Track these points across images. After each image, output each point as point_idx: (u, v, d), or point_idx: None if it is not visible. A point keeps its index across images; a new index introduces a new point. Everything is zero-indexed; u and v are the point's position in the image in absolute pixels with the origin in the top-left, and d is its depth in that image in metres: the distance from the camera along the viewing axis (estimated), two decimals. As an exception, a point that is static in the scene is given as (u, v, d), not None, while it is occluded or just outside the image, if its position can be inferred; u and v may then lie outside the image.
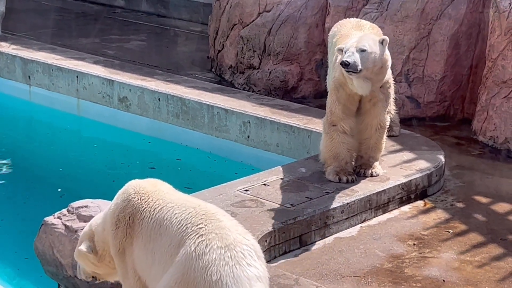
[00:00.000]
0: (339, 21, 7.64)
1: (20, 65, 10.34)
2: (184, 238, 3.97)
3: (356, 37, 6.60)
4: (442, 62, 8.85)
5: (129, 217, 4.31)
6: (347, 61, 6.33)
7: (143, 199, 4.32)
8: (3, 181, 8.82)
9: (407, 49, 8.80)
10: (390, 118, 7.20)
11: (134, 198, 4.34)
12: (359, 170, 7.01)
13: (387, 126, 7.05)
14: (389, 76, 6.88)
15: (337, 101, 6.80)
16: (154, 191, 4.35)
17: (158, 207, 4.25)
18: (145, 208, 4.29)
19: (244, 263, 3.87)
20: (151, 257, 4.15)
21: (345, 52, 6.44)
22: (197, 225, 3.98)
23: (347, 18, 7.70)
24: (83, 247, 4.56)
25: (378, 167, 7.06)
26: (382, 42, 6.59)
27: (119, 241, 4.34)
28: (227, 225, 4.01)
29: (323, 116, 7.18)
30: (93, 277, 4.73)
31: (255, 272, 3.90)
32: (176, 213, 4.12)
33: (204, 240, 3.89)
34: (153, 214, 4.23)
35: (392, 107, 7.32)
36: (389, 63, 6.77)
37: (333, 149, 6.91)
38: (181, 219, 4.06)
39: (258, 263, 3.93)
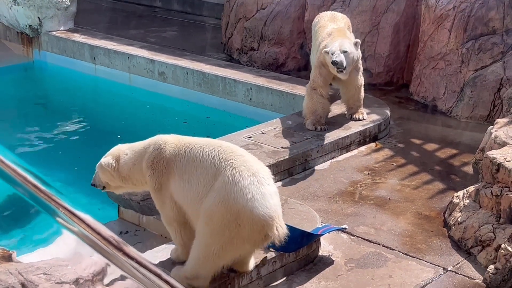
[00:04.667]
0: (319, 13, 7.56)
1: (88, 49, 10.27)
2: (220, 169, 3.98)
3: (337, 42, 6.51)
4: (388, 44, 8.79)
5: (163, 161, 4.21)
6: (336, 61, 6.37)
7: (172, 146, 4.23)
8: (78, 134, 8.82)
9: (363, 34, 8.72)
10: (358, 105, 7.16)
11: (165, 147, 4.23)
12: (353, 116, 7.12)
13: (362, 84, 7.05)
14: (359, 55, 6.88)
15: (319, 74, 6.77)
16: (178, 140, 4.27)
17: (188, 148, 4.18)
18: (176, 151, 4.19)
19: (265, 184, 3.97)
20: (187, 185, 4.10)
21: (332, 54, 6.38)
22: (229, 160, 4.00)
23: (324, 12, 7.62)
24: (105, 160, 4.40)
25: (364, 113, 7.16)
26: (355, 44, 6.59)
27: (156, 179, 4.23)
28: (249, 159, 4.07)
29: (305, 84, 7.15)
30: (104, 187, 4.53)
31: (273, 189, 4.02)
32: (206, 151, 4.08)
33: (237, 171, 3.94)
34: (185, 153, 4.15)
35: (361, 94, 7.15)
36: (360, 56, 6.80)
37: (312, 106, 6.89)
38: (213, 155, 4.04)
39: (273, 183, 4.04)
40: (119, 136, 8.33)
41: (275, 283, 4.64)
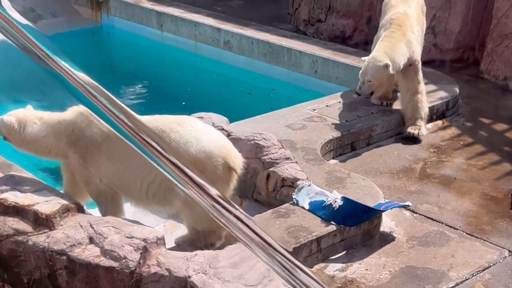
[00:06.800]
0: None
1: (155, 16, 10.36)
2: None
3: (367, 61, 6.25)
4: (460, 19, 8.56)
5: (86, 141, 4.02)
6: (358, 93, 6.31)
7: (96, 126, 3.97)
8: (143, 99, 8.95)
9: (435, 9, 8.51)
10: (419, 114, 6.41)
11: (88, 125, 4.04)
12: (408, 131, 6.35)
13: (423, 91, 6.44)
14: (417, 56, 6.44)
15: None
16: None
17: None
18: (102, 131, 3.98)
19: (196, 123, 4.07)
20: (123, 166, 3.95)
21: (359, 83, 6.28)
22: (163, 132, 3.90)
23: None
24: (8, 118, 4.18)
25: (422, 128, 6.36)
26: (386, 66, 6.13)
27: (79, 156, 4.02)
28: (163, 117, 4.08)
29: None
30: (5, 137, 4.28)
31: (208, 126, 4.17)
32: None
33: (171, 132, 3.90)
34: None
35: (424, 102, 6.48)
36: (399, 68, 6.24)
37: (376, 82, 6.75)
38: None
39: (202, 123, 4.16)
40: (183, 103, 8.42)
41: (335, 256, 4.64)
